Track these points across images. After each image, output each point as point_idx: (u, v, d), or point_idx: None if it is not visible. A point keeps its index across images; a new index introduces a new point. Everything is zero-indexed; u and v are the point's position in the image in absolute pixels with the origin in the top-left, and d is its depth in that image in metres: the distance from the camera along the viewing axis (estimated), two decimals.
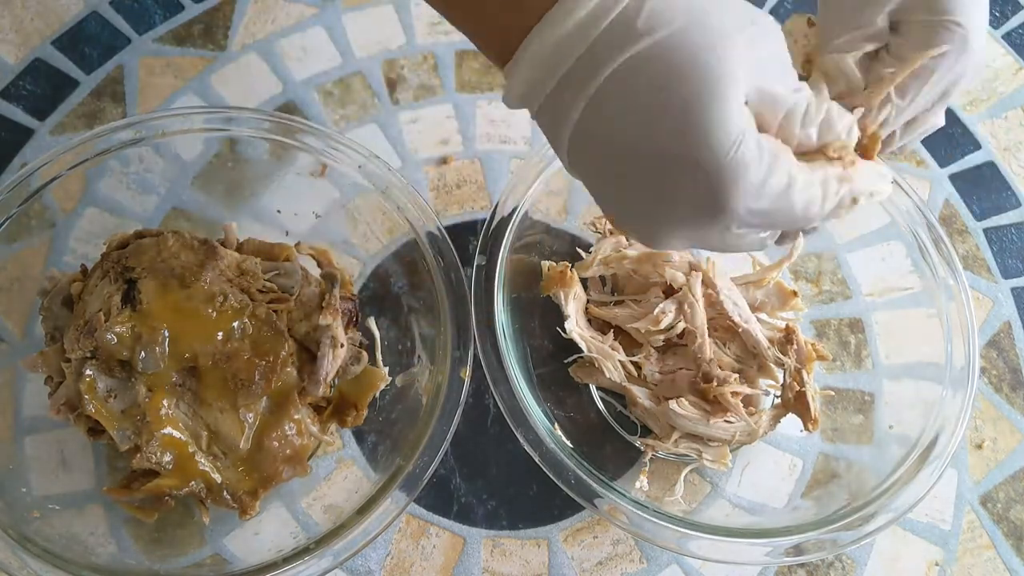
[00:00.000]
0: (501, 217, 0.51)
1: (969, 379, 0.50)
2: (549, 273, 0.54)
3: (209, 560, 0.49)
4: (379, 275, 0.56)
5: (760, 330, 0.53)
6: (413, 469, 0.46)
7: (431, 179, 0.62)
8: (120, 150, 0.51)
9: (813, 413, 0.52)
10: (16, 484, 0.48)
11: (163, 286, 0.46)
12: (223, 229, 0.52)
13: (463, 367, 0.48)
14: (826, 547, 0.46)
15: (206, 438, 0.46)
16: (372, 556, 0.52)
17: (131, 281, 0.47)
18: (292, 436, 0.47)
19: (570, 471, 0.46)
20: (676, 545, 0.46)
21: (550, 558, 0.53)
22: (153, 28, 0.65)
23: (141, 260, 0.47)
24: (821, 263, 0.60)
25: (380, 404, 0.52)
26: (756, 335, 0.53)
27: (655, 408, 0.52)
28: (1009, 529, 0.56)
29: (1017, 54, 0.71)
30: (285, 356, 0.47)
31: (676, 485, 0.52)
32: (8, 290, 0.50)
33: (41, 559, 0.43)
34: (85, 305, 0.47)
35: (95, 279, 0.48)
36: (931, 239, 0.54)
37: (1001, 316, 0.62)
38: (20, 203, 0.48)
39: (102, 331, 0.44)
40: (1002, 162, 0.67)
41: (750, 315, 0.54)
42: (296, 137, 0.52)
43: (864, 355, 0.58)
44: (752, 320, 0.53)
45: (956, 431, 0.49)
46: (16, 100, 0.62)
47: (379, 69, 0.65)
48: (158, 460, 0.45)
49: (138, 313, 0.45)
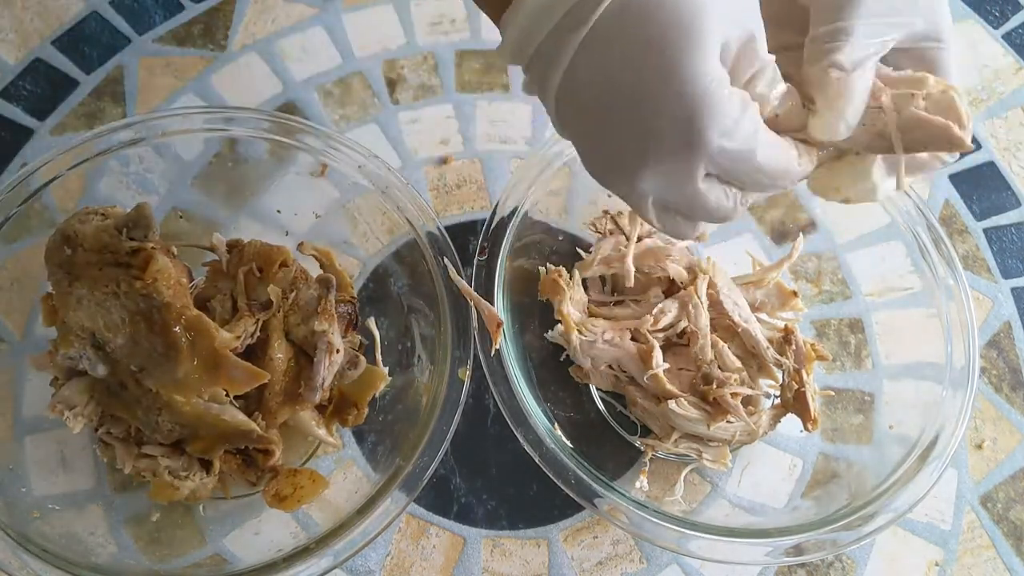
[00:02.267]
0: (501, 217, 0.52)
1: (969, 379, 0.50)
2: (544, 279, 0.54)
3: (209, 560, 0.49)
4: (379, 275, 0.56)
5: (760, 330, 0.53)
6: (413, 469, 0.46)
7: (431, 179, 0.62)
8: (120, 150, 0.51)
9: (813, 413, 0.52)
10: (16, 484, 0.48)
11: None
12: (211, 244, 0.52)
13: (463, 367, 0.48)
14: (826, 547, 0.46)
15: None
16: (372, 556, 0.52)
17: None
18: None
19: (570, 471, 0.46)
20: (676, 545, 0.46)
21: (550, 558, 0.53)
22: (153, 28, 0.65)
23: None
24: (821, 263, 0.60)
25: (380, 404, 0.52)
26: (756, 335, 0.53)
27: (655, 408, 0.52)
28: (1009, 529, 0.56)
29: (1017, 54, 0.71)
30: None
31: (676, 485, 0.52)
32: (8, 290, 0.50)
33: (41, 559, 0.43)
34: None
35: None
36: (931, 239, 0.54)
37: (1001, 316, 0.62)
38: (20, 203, 0.48)
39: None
40: (1002, 162, 0.67)
41: (750, 315, 0.54)
42: (296, 137, 0.52)
43: (864, 355, 0.58)
44: (752, 320, 0.53)
45: (956, 431, 0.49)
46: (16, 100, 0.62)
47: (379, 69, 0.65)
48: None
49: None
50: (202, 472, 0.47)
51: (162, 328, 0.44)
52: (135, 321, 0.45)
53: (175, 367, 0.45)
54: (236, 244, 0.51)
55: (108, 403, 0.46)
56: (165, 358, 0.45)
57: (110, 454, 0.48)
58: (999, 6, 0.72)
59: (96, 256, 0.45)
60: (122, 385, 0.46)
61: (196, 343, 0.45)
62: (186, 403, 0.45)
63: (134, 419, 0.46)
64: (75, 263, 0.45)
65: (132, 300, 0.45)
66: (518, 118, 0.64)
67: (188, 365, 0.45)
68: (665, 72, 0.33)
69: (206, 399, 0.46)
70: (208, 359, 0.45)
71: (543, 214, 0.55)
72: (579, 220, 0.58)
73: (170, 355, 0.45)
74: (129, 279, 0.44)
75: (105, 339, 0.44)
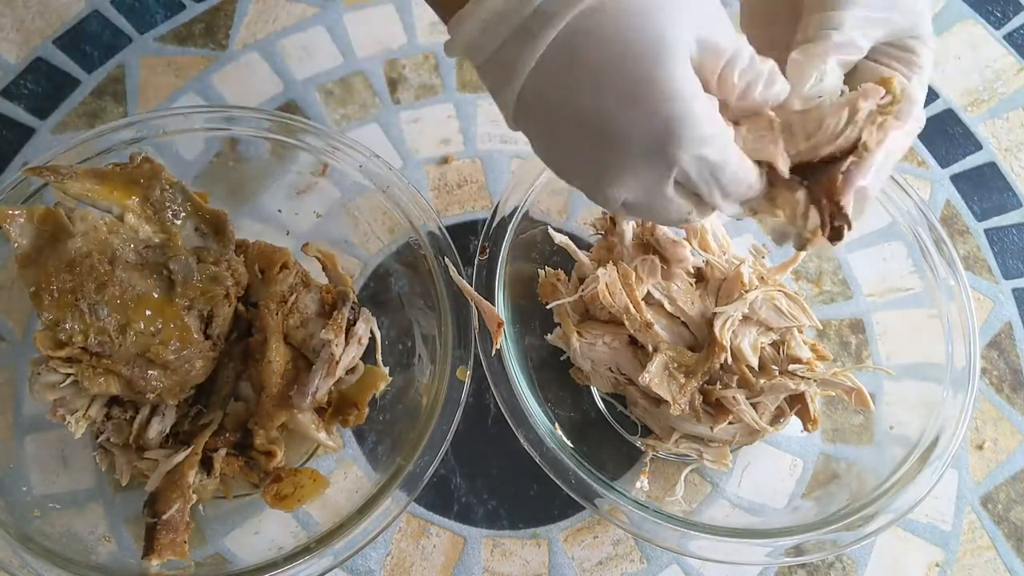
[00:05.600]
0: (502, 217, 0.51)
1: (970, 380, 0.50)
2: (543, 282, 0.54)
3: (209, 559, 0.49)
4: (380, 275, 0.56)
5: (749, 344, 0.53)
6: (413, 469, 0.46)
7: (432, 179, 0.62)
8: (121, 149, 0.51)
9: (813, 413, 0.51)
10: (17, 483, 0.48)
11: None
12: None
13: (463, 367, 0.48)
14: (826, 547, 0.46)
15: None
16: (372, 555, 0.52)
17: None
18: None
19: (570, 471, 0.46)
20: (676, 545, 0.46)
21: (550, 558, 0.53)
22: (154, 27, 0.65)
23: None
24: (822, 263, 0.60)
25: (380, 404, 0.52)
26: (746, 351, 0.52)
27: (655, 408, 0.52)
28: (1010, 530, 0.56)
29: (1018, 54, 0.71)
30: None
31: (676, 485, 0.52)
32: (8, 289, 0.50)
33: (42, 558, 0.43)
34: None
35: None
36: (932, 239, 0.54)
37: (1002, 317, 0.62)
38: (21, 202, 0.48)
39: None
40: (1003, 162, 0.67)
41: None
42: (297, 136, 0.52)
43: (865, 355, 0.58)
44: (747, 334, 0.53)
45: (957, 432, 0.49)
46: (17, 99, 0.62)
47: (380, 69, 0.65)
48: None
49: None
50: (203, 473, 0.47)
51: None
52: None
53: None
54: (241, 244, 0.51)
55: (96, 368, 0.46)
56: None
57: (109, 460, 0.48)
58: (1000, 6, 0.72)
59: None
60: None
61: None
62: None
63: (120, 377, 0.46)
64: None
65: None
66: None
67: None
68: (638, 85, 0.32)
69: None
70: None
71: (544, 214, 0.55)
72: (579, 220, 0.58)
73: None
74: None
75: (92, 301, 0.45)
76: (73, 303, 0.44)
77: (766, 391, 0.50)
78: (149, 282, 0.47)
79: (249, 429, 0.48)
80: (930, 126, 0.67)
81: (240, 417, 0.49)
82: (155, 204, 0.49)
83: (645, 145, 0.33)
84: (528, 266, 0.55)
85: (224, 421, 0.49)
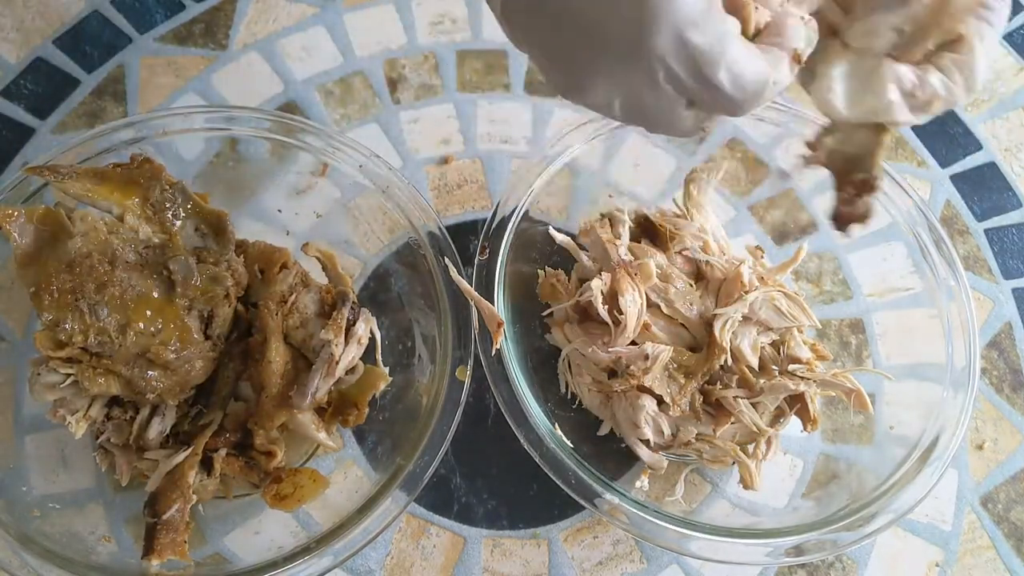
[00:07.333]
0: (502, 217, 0.51)
1: (970, 380, 0.50)
2: (543, 283, 0.54)
3: (209, 559, 0.49)
4: (380, 275, 0.56)
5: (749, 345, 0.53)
6: (413, 469, 0.46)
7: (432, 179, 0.62)
8: (121, 149, 0.51)
9: (813, 414, 0.51)
10: (17, 483, 0.48)
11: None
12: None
13: (463, 367, 0.48)
14: (826, 547, 0.46)
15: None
16: (372, 555, 0.52)
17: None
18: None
19: (570, 471, 0.46)
20: (676, 545, 0.46)
21: (550, 558, 0.53)
22: (154, 27, 0.65)
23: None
24: (822, 263, 0.60)
25: (380, 404, 0.52)
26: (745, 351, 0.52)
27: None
28: (1010, 530, 0.56)
29: (1018, 55, 0.71)
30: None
31: (676, 485, 0.52)
32: (8, 289, 0.50)
33: (42, 558, 0.43)
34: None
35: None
36: (932, 240, 0.54)
37: (1002, 317, 0.62)
38: (21, 202, 0.48)
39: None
40: (1003, 163, 0.67)
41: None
42: (297, 136, 0.52)
43: (865, 355, 0.58)
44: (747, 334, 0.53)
45: (957, 432, 0.49)
46: (17, 99, 0.62)
47: (380, 69, 0.65)
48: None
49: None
50: (203, 474, 0.47)
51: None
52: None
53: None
54: (241, 244, 0.52)
55: (96, 368, 0.46)
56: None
57: (109, 461, 0.48)
58: None
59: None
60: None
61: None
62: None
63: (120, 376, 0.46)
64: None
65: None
66: (519, 118, 0.64)
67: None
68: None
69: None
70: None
71: (544, 214, 0.55)
72: (579, 220, 0.58)
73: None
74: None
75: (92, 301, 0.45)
76: (73, 303, 0.44)
77: (766, 391, 0.50)
78: (149, 282, 0.47)
79: (249, 429, 0.48)
80: (930, 126, 0.67)
81: (240, 417, 0.49)
82: (155, 204, 0.49)
83: (620, 31, 0.30)
84: (528, 266, 0.55)
85: (224, 421, 0.49)
